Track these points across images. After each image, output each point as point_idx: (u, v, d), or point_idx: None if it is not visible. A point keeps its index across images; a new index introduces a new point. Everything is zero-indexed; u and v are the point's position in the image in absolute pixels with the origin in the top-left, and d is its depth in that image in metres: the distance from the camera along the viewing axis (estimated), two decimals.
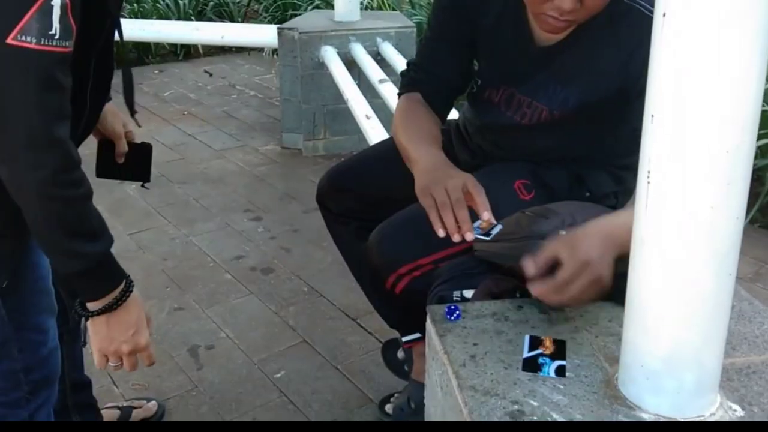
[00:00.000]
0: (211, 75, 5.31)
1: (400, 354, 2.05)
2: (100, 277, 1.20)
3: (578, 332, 1.23)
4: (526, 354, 1.16)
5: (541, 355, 1.16)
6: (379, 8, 5.31)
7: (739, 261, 1.01)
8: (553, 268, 1.19)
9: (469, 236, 1.26)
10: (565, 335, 1.22)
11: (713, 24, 0.87)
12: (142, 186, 1.70)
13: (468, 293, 1.37)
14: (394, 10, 5.17)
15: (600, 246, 1.18)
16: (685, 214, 0.95)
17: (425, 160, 1.40)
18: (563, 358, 1.15)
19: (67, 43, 1.06)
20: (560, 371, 1.13)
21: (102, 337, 1.24)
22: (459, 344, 1.20)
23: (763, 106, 1.00)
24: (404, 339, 1.87)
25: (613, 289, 1.26)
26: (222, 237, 3.03)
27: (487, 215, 1.29)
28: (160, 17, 5.74)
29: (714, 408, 1.05)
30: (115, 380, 2.18)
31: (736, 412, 1.06)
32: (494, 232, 1.31)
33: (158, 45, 5.61)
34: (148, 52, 5.60)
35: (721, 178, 0.93)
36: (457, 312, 1.26)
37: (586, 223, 1.26)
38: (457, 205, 1.27)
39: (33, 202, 1.11)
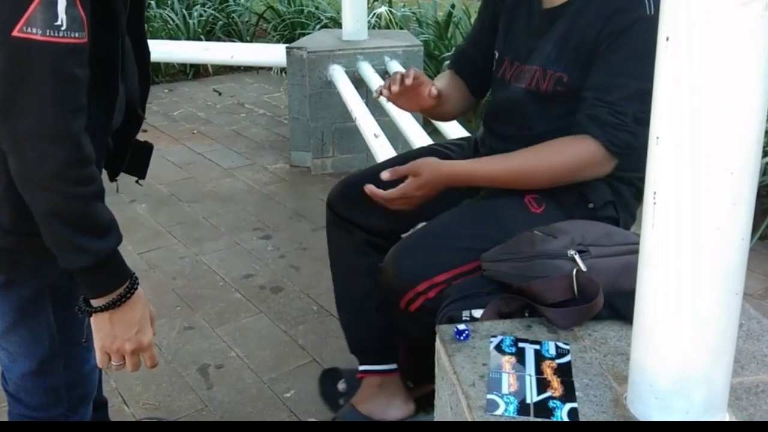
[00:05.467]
0: (220, 94, 5.34)
1: (341, 386, 2.04)
2: (106, 274, 1.18)
3: (587, 351, 1.24)
4: (535, 398, 1.13)
5: (551, 398, 1.13)
6: (387, 27, 5.34)
7: (748, 278, 1.02)
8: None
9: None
10: (574, 354, 1.22)
11: (716, 47, 0.88)
12: (137, 182, 1.68)
13: (477, 313, 1.37)
14: (401, 28, 5.20)
15: (432, 188, 1.58)
16: (690, 234, 0.96)
17: None
18: (573, 400, 1.12)
19: (76, 35, 1.05)
20: (573, 414, 1.10)
21: (105, 335, 1.22)
22: (468, 364, 1.21)
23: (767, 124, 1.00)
24: (370, 368, 1.87)
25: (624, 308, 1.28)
26: (231, 255, 3.05)
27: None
28: (170, 37, 5.80)
29: None
30: (126, 400, 2.19)
31: None
32: None
33: (168, 64, 5.66)
34: (158, 72, 5.64)
35: (726, 198, 0.94)
36: (467, 332, 1.26)
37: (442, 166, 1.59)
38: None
39: (37, 195, 1.10)
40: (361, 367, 1.91)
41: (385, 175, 1.61)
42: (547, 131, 1.58)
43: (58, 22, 1.03)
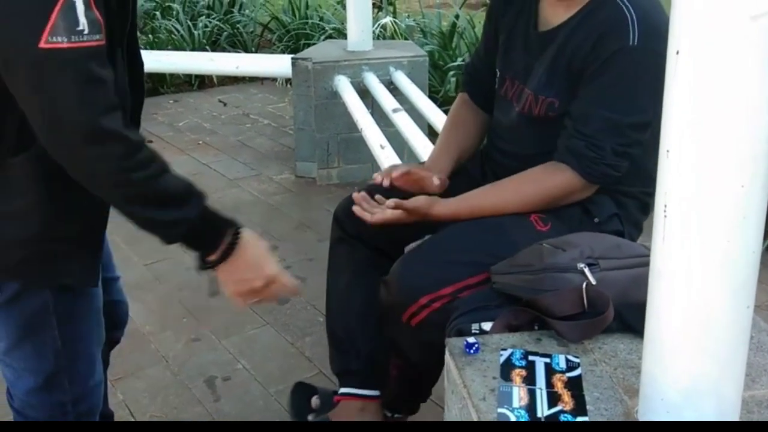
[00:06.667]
0: (225, 104, 5.36)
1: (315, 402, 1.91)
2: (206, 233, 1.24)
3: (597, 365, 1.23)
4: (546, 412, 1.12)
5: (562, 412, 1.13)
6: (392, 37, 5.36)
7: (760, 290, 1.01)
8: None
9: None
10: (584, 367, 1.22)
11: (725, 61, 0.88)
12: None
13: (486, 326, 1.37)
14: (406, 39, 5.21)
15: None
16: (701, 247, 0.96)
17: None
18: (585, 414, 1.12)
19: (97, 36, 1.07)
20: None
21: (232, 282, 1.29)
22: (478, 378, 1.20)
23: None
24: (352, 391, 1.80)
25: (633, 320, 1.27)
26: None
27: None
28: (175, 48, 5.82)
29: None
30: (133, 412, 2.19)
31: None
32: None
33: (173, 75, 5.67)
34: (163, 82, 5.66)
35: (737, 212, 0.94)
36: (477, 345, 1.26)
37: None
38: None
39: (110, 192, 1.16)
40: (342, 390, 1.82)
41: (385, 182, 1.65)
42: (543, 152, 1.60)
43: (80, 27, 1.05)
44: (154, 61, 4.83)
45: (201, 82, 5.79)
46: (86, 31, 1.05)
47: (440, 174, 1.71)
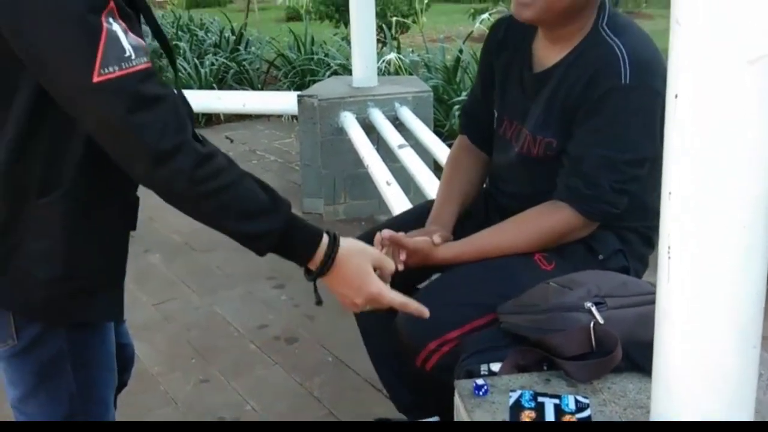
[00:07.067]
0: (232, 141, 5.40)
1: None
2: (297, 242, 1.22)
3: (606, 405, 1.23)
4: None
5: None
6: (396, 73, 5.41)
7: (766, 325, 1.01)
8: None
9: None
10: (594, 408, 1.21)
11: (724, 104, 0.89)
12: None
13: (495, 366, 1.36)
14: (410, 74, 5.26)
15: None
16: (705, 288, 0.96)
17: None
18: None
19: (144, 59, 1.08)
20: None
21: (337, 293, 1.30)
22: (488, 419, 1.20)
23: None
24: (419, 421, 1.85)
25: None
26: (246, 305, 3.05)
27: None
28: (182, 86, 5.88)
29: None
30: None
31: None
32: None
33: None
34: None
35: (739, 252, 0.94)
36: (486, 387, 1.26)
37: None
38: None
39: (196, 208, 1.14)
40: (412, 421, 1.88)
41: (384, 233, 1.63)
42: (544, 191, 1.61)
43: (127, 54, 1.06)
44: None
45: (208, 119, 5.85)
46: (133, 57, 1.07)
47: (443, 230, 1.70)
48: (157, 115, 1.09)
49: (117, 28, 1.06)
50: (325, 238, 1.24)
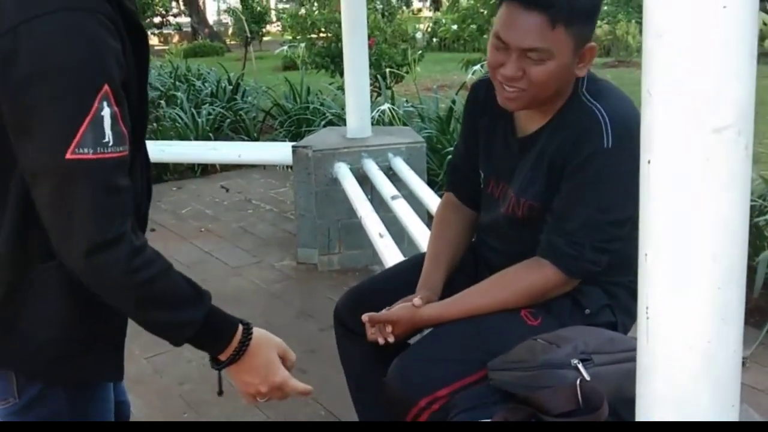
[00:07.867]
0: (227, 190, 5.44)
1: None
2: (213, 334, 1.25)
3: None
4: None
5: None
6: (390, 123, 5.48)
7: (760, 373, 1.03)
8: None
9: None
10: None
11: (693, 171, 0.92)
12: None
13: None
14: (404, 124, 5.33)
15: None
16: (683, 348, 0.98)
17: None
18: None
19: (121, 148, 1.10)
20: None
21: (239, 383, 1.32)
22: None
23: None
24: None
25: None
26: None
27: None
28: (179, 135, 5.95)
29: None
30: None
31: None
32: None
33: (176, 163, 5.79)
34: (167, 170, 5.77)
35: (715, 313, 0.96)
36: None
37: None
38: None
39: (119, 296, 1.16)
40: None
41: (364, 318, 1.69)
42: (528, 249, 1.64)
43: (106, 139, 1.08)
44: (159, 151, 4.93)
45: (204, 169, 5.91)
46: (111, 143, 1.08)
47: (430, 293, 1.74)
48: (113, 205, 1.11)
49: (106, 112, 1.08)
50: (240, 328, 1.27)
